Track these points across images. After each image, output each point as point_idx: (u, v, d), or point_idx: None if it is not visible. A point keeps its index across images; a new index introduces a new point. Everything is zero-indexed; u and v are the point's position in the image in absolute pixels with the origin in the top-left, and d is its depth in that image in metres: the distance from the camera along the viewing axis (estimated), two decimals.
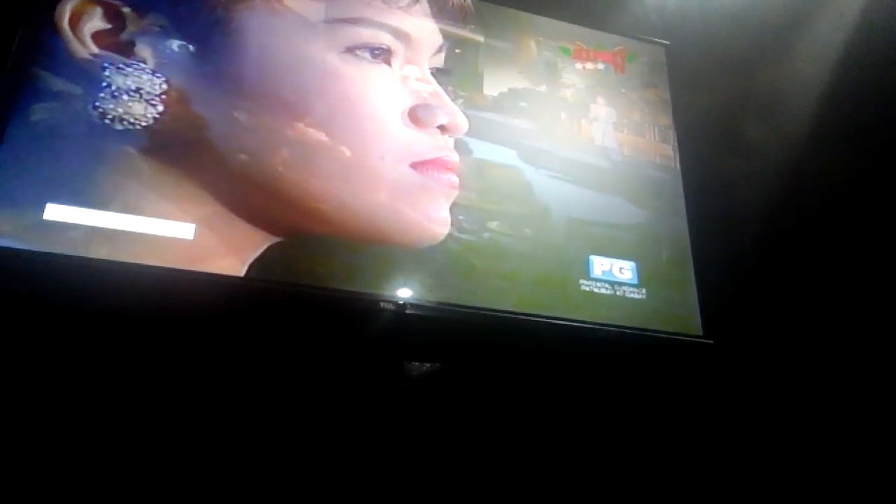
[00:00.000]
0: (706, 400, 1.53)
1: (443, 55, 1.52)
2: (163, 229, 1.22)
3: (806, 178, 1.84)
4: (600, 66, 1.72)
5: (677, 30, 1.91)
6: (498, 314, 1.37)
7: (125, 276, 1.19)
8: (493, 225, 1.44)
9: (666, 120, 1.71)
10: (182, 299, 1.24)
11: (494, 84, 1.58)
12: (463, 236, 1.41)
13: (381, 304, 1.32)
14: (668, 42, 1.82)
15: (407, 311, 1.32)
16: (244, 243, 1.26)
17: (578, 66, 1.70)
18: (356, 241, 1.32)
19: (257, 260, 1.26)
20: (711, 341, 1.48)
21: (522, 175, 1.51)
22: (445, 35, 1.54)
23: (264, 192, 1.29)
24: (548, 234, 1.48)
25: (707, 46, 1.96)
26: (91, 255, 1.17)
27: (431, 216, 1.38)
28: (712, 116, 1.86)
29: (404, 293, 1.33)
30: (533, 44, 1.67)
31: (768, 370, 1.59)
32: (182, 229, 1.23)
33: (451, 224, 1.40)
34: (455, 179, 1.42)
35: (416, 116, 1.40)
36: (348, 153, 1.34)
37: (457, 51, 1.57)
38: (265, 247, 1.27)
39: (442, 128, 1.42)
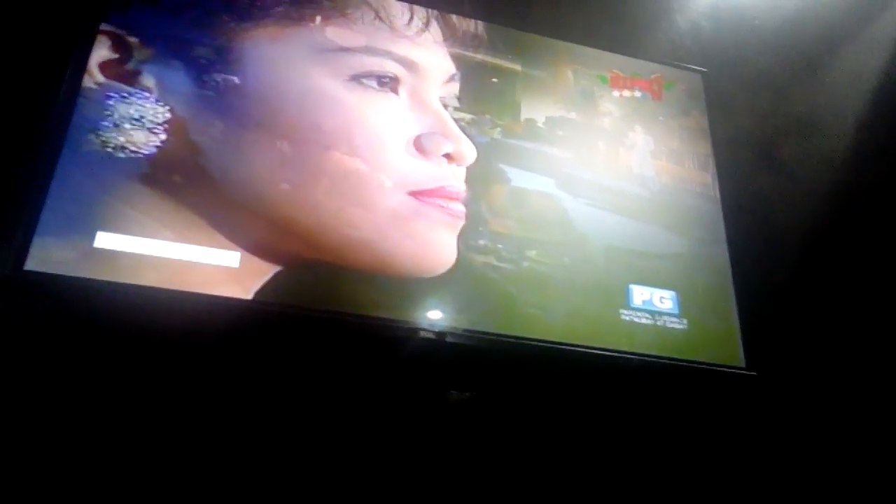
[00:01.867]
0: (749, 433, 1.50)
1: (456, 84, 1.51)
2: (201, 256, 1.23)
3: (847, 200, 1.82)
4: (637, 93, 1.72)
5: (713, 55, 1.90)
6: (537, 344, 1.36)
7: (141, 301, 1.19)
8: (532, 254, 1.43)
9: (704, 147, 1.70)
10: (182, 321, 1.23)
11: (532, 113, 1.58)
12: (502, 265, 1.40)
13: (421, 333, 1.32)
14: (705, 69, 1.81)
15: (447, 340, 1.32)
16: (246, 272, 1.25)
17: (615, 94, 1.70)
18: (357, 269, 1.31)
19: (262, 288, 1.25)
20: (754, 373, 1.45)
21: (561, 203, 1.51)
22: (459, 61, 1.54)
23: (263, 220, 1.28)
24: (587, 263, 1.47)
25: (743, 71, 1.95)
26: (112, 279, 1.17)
27: (430, 246, 1.36)
28: (751, 141, 1.85)
29: (443, 322, 1.32)
30: (570, 72, 1.68)
31: (814, 403, 1.56)
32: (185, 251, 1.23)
33: (490, 253, 1.40)
34: (460, 209, 1.39)
35: (420, 145, 1.38)
36: (349, 182, 1.33)
37: (493, 80, 1.58)
38: (269, 276, 1.26)
39: (448, 156, 1.41)
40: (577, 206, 1.52)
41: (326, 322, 1.29)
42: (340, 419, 1.31)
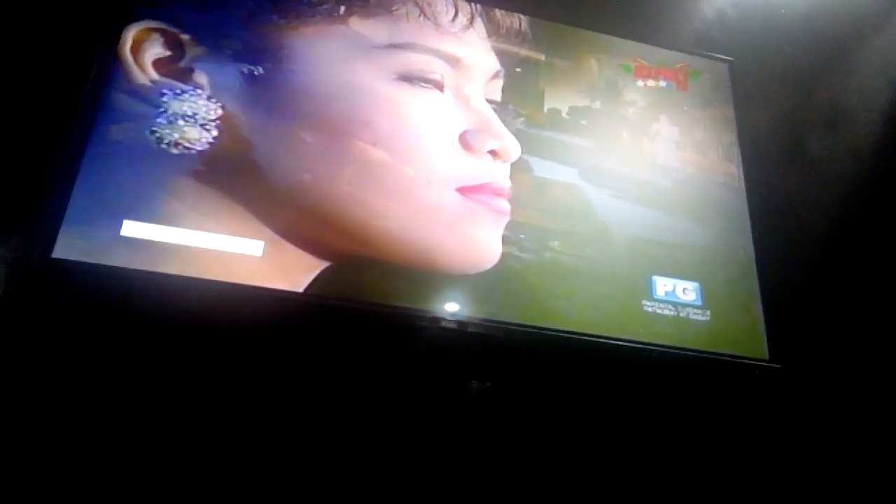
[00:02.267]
0: (772, 426, 1.49)
1: (500, 81, 1.51)
2: (232, 246, 1.25)
3: (874, 193, 1.79)
4: (662, 83, 1.70)
5: (739, 45, 1.87)
6: (559, 334, 1.36)
7: (191, 291, 1.22)
8: (555, 244, 1.43)
9: (730, 137, 1.68)
10: (241, 315, 1.26)
11: (555, 102, 1.57)
12: (524, 255, 1.40)
13: (443, 323, 1.33)
14: (731, 58, 1.78)
15: (469, 330, 1.32)
16: (295, 266, 1.27)
17: (640, 83, 1.68)
18: (404, 266, 1.32)
19: (311, 284, 1.27)
20: (778, 365, 1.44)
21: (584, 194, 1.50)
22: (503, 57, 1.54)
23: (311, 216, 1.30)
24: (610, 253, 1.46)
25: (769, 61, 1.92)
26: (161, 270, 1.21)
27: (477, 242, 1.37)
28: (777, 132, 1.82)
29: (465, 312, 1.33)
30: (594, 61, 1.66)
31: (838, 396, 1.54)
32: (247, 246, 1.25)
33: (512, 243, 1.39)
34: (506, 205, 1.40)
35: (466, 142, 1.39)
36: (395, 178, 1.34)
37: (517, 70, 1.57)
38: (317, 271, 1.28)
39: (493, 153, 1.42)
40: (600, 196, 1.51)
41: (347, 311, 1.30)
42: (362, 409, 1.32)
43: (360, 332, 1.34)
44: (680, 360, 1.41)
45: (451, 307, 1.33)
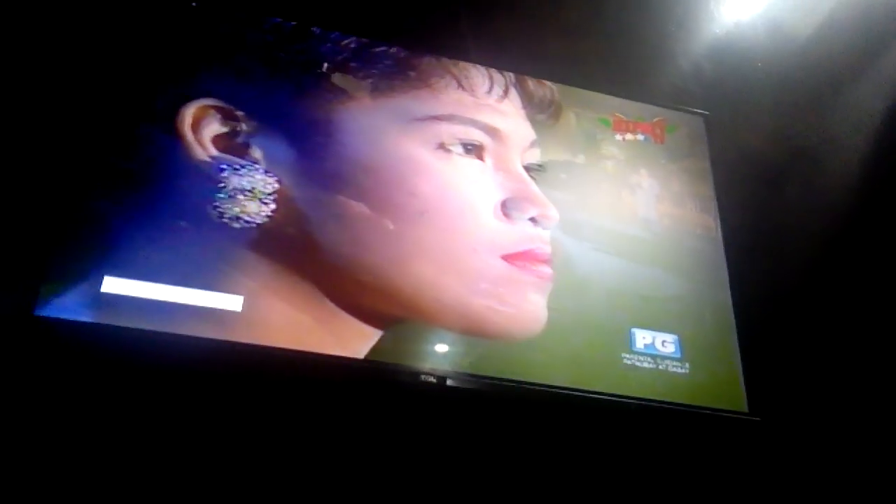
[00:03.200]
0: (752, 479, 1.49)
1: (537, 150, 1.56)
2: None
3: (851, 242, 1.82)
4: (640, 137, 1.74)
5: (715, 98, 1.92)
6: (538, 388, 1.36)
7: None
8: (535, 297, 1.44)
9: (706, 190, 1.72)
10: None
11: (535, 156, 1.60)
12: (504, 308, 1.40)
13: (422, 377, 1.33)
14: (707, 112, 1.83)
15: (448, 384, 1.33)
16: (352, 335, 1.31)
17: (618, 137, 1.72)
18: (452, 331, 1.36)
19: (370, 353, 1.31)
20: (758, 418, 1.44)
21: (563, 247, 1.52)
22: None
23: (362, 286, 1.33)
24: (589, 306, 1.48)
25: (745, 113, 1.97)
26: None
27: (523, 308, 1.39)
28: (753, 184, 1.86)
29: (444, 366, 1.33)
30: (572, 115, 1.70)
31: (819, 449, 1.54)
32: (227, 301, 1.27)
33: (493, 296, 1.40)
34: (548, 271, 1.43)
35: (507, 210, 1.42)
36: (441, 247, 1.38)
37: None
38: (374, 340, 1.32)
39: (533, 220, 1.45)
40: (579, 249, 1.53)
41: (329, 367, 1.30)
42: (341, 463, 1.32)
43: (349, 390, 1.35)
44: (659, 414, 1.42)
45: (431, 362, 1.34)
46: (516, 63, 1.65)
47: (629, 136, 1.73)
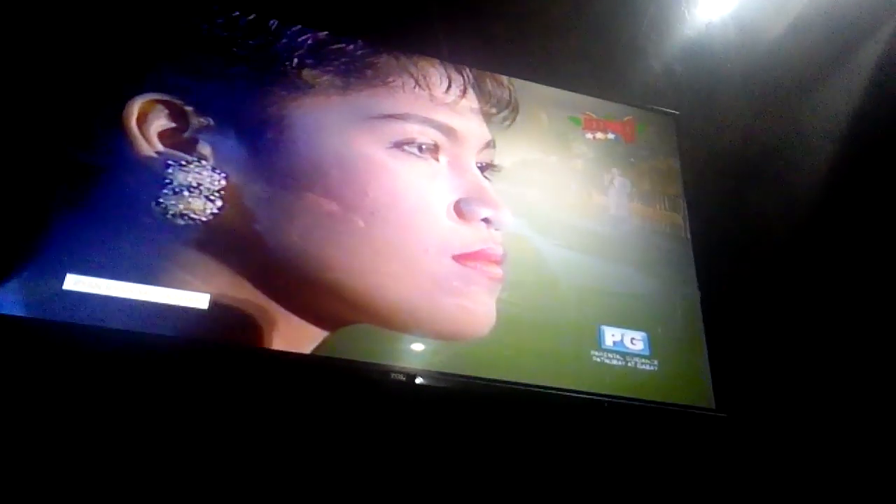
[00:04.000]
0: (719, 474, 1.50)
1: (492, 150, 1.55)
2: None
3: (817, 243, 1.85)
4: (610, 135, 1.75)
5: (686, 98, 1.94)
6: (508, 386, 1.36)
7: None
8: (504, 295, 1.44)
9: (675, 189, 1.73)
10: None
11: (505, 154, 1.60)
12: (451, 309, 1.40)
13: (392, 375, 1.32)
14: (677, 112, 1.84)
15: (417, 382, 1.32)
16: (299, 335, 1.29)
17: (588, 136, 1.73)
18: (397, 332, 1.34)
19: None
20: (724, 414, 1.46)
21: (533, 245, 1.53)
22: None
23: (310, 285, 1.31)
24: (559, 304, 1.48)
25: (715, 114, 1.99)
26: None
27: (470, 310, 1.38)
28: (721, 183, 1.88)
29: (413, 363, 1.33)
30: (543, 114, 1.70)
31: (783, 445, 1.57)
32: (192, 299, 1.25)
33: (461, 295, 1.40)
34: (499, 272, 1.43)
35: (460, 210, 1.42)
36: (393, 246, 1.36)
37: None
38: (319, 340, 1.30)
39: (486, 221, 1.44)
40: (549, 247, 1.54)
41: (296, 364, 1.30)
42: (312, 458, 1.31)
43: (315, 385, 1.36)
44: (628, 410, 1.43)
45: (399, 359, 1.33)
46: (485, 61, 1.66)
47: (599, 135, 1.74)
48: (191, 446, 1.26)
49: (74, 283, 1.20)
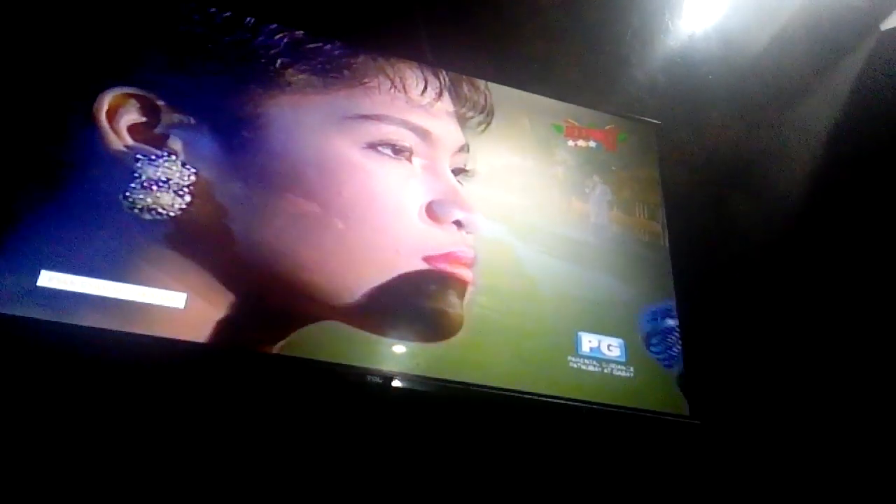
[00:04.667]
0: (692, 481, 1.51)
1: (466, 155, 1.56)
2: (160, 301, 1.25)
3: (795, 253, 1.87)
4: (592, 143, 1.77)
5: (668, 108, 1.96)
6: (484, 390, 1.37)
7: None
8: (482, 300, 1.45)
9: (655, 198, 1.75)
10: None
11: (487, 159, 1.61)
12: (451, 310, 1.42)
13: (368, 378, 1.33)
14: (658, 122, 1.86)
15: (393, 385, 1.33)
16: (263, 334, 1.29)
17: (570, 143, 1.74)
18: (368, 332, 1.34)
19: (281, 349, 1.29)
20: (698, 421, 1.47)
21: (512, 250, 1.54)
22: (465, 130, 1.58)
23: (280, 282, 1.31)
24: (536, 310, 1.49)
25: (696, 124, 2.01)
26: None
27: (442, 311, 1.39)
28: (700, 193, 1.90)
29: (391, 367, 1.33)
30: (526, 120, 1.72)
31: (756, 452, 1.58)
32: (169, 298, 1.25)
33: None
34: (469, 274, 1.43)
35: (432, 212, 1.43)
36: (364, 246, 1.37)
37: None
38: (287, 338, 1.30)
39: (458, 223, 1.46)
40: (528, 253, 1.55)
41: (279, 365, 1.30)
42: (287, 459, 1.31)
43: (291, 386, 1.35)
44: (603, 416, 1.44)
45: (372, 360, 1.33)
46: (469, 67, 1.67)
47: (581, 143, 1.75)
48: (165, 445, 1.26)
49: (48, 279, 1.20)
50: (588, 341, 1.50)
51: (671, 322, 1.58)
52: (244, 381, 1.33)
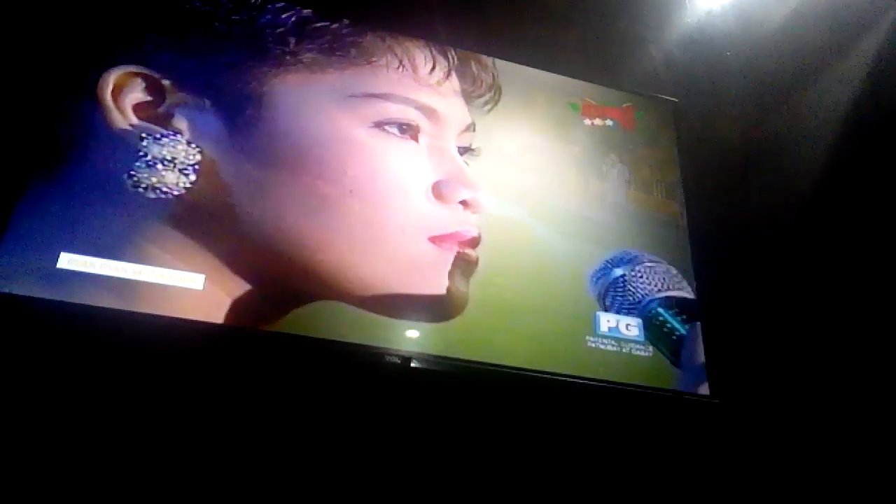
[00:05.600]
0: (712, 460, 1.51)
1: (472, 134, 1.54)
2: (177, 282, 1.25)
3: (815, 231, 1.85)
4: (609, 122, 1.74)
5: (685, 86, 1.93)
6: (502, 370, 1.37)
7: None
8: (500, 280, 1.44)
9: (673, 176, 1.73)
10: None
11: (503, 139, 1.60)
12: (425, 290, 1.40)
13: (387, 358, 1.32)
14: (676, 99, 1.84)
15: (412, 365, 1.33)
16: (266, 314, 1.28)
17: (587, 122, 1.72)
18: (372, 312, 1.33)
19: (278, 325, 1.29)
20: (718, 401, 1.46)
21: (530, 231, 1.53)
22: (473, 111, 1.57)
23: (285, 261, 1.31)
24: (553, 290, 1.48)
25: (714, 102, 1.99)
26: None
27: (447, 291, 1.38)
28: (719, 171, 1.88)
29: (409, 347, 1.33)
30: (542, 99, 1.70)
31: (776, 432, 1.57)
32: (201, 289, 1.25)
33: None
34: (473, 254, 1.43)
35: (438, 191, 1.42)
36: (370, 226, 1.36)
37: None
38: (288, 314, 1.29)
39: (464, 203, 1.45)
40: (546, 233, 1.54)
41: (295, 345, 1.30)
42: (307, 442, 1.31)
43: (306, 366, 1.35)
44: (622, 396, 1.43)
45: (396, 341, 1.33)
46: (484, 47, 1.65)
47: (598, 122, 1.73)
48: (181, 426, 1.26)
49: (68, 261, 1.20)
50: (606, 321, 1.48)
51: (619, 271, 1.53)
52: (249, 362, 1.32)
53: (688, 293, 1.55)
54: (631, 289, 1.51)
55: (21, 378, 1.21)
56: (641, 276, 1.53)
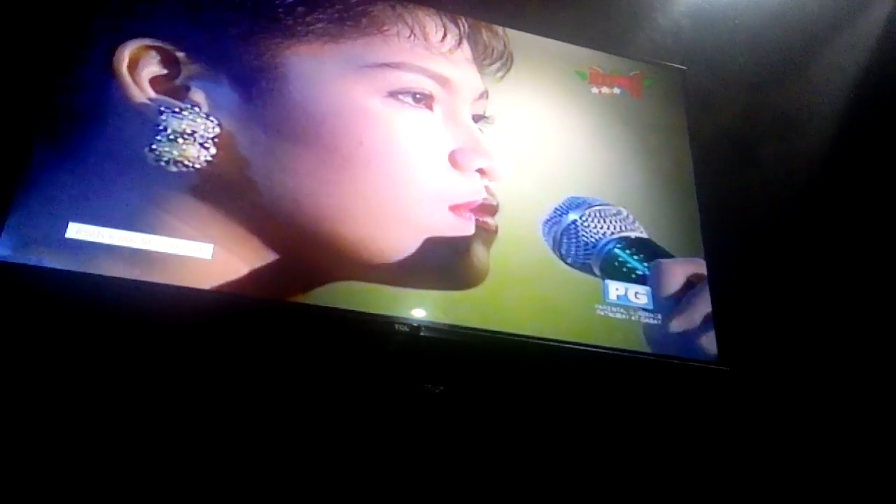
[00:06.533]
0: (722, 426, 1.52)
1: (485, 101, 1.53)
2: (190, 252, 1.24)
3: (824, 199, 1.84)
4: (616, 90, 1.73)
5: (693, 54, 1.92)
6: (511, 338, 1.37)
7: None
8: (507, 248, 1.43)
9: (682, 145, 1.71)
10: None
11: (509, 106, 1.58)
12: (446, 260, 1.40)
13: (396, 326, 1.32)
14: (684, 67, 1.82)
15: (421, 334, 1.33)
16: (289, 285, 1.28)
17: (594, 90, 1.70)
18: (392, 285, 1.33)
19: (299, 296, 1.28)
20: (727, 368, 1.47)
21: (536, 200, 1.51)
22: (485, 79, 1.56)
23: (303, 233, 1.31)
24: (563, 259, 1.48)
25: (722, 69, 1.97)
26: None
27: (467, 260, 1.38)
28: (728, 140, 1.87)
29: (418, 315, 1.33)
30: (549, 67, 1.68)
31: (785, 398, 1.58)
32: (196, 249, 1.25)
33: None
34: (493, 223, 1.43)
35: (455, 160, 1.42)
36: (388, 196, 1.36)
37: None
38: (312, 288, 1.29)
39: (481, 171, 1.44)
40: (552, 202, 1.52)
41: (302, 314, 1.30)
42: (316, 412, 1.32)
43: (315, 334, 1.34)
44: (631, 363, 1.43)
45: (405, 310, 1.33)
46: (490, 14, 1.63)
47: (605, 90, 1.72)
48: (193, 396, 1.27)
49: (77, 231, 1.20)
50: (615, 289, 1.48)
51: (571, 216, 1.51)
52: (268, 332, 1.32)
53: (641, 234, 1.54)
54: (584, 233, 1.50)
55: (28, 348, 1.21)
56: (594, 220, 1.51)
